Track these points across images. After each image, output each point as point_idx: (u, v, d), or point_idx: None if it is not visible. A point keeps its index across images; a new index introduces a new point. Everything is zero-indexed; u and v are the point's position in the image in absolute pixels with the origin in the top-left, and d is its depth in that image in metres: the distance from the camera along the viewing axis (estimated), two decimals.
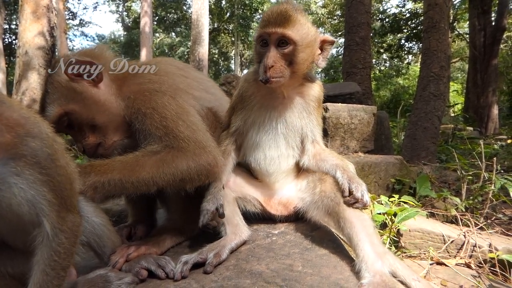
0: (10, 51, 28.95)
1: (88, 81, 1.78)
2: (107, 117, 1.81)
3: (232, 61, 38.66)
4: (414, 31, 19.11)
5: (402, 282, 1.56)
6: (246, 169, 2.06)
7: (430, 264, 3.16)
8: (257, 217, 1.99)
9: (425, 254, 3.43)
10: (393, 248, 3.41)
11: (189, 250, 1.85)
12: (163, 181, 1.65)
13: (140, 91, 1.79)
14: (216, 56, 37.63)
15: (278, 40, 1.73)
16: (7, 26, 28.49)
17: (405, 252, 3.49)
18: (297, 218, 1.98)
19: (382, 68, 28.80)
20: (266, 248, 1.76)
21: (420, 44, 17.09)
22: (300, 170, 2.02)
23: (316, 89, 1.95)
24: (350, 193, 1.66)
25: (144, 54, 26.95)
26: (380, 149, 6.66)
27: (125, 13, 37.85)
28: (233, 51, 36.34)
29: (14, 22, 29.69)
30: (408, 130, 8.92)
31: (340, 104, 5.89)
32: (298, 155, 1.97)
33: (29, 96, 14.07)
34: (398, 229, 3.55)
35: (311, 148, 1.94)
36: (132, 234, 2.01)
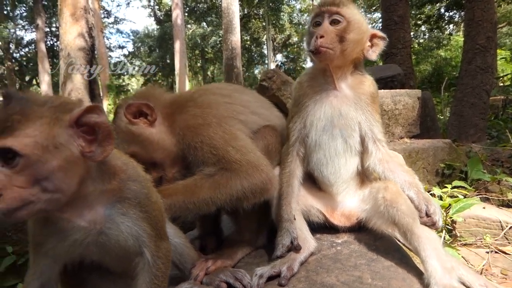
0: (52, 53, 30.30)
1: (144, 122, 1.94)
2: (163, 154, 1.96)
3: (265, 46, 38.46)
4: None
5: (463, 284, 1.64)
6: (309, 178, 2.14)
7: (488, 252, 3.14)
8: (319, 226, 2.10)
9: (481, 241, 3.39)
10: (447, 237, 3.40)
11: (259, 261, 2.01)
12: (220, 201, 1.80)
13: (186, 127, 1.92)
14: (248, 42, 37.51)
15: (331, 17, 1.87)
16: (48, 29, 29.78)
17: (460, 241, 3.48)
18: (359, 228, 2.07)
19: (421, 41, 27.54)
20: (333, 258, 1.87)
21: (462, 13, 16.18)
22: (362, 179, 2.08)
23: (367, 84, 2.01)
24: (427, 215, 1.73)
25: (177, 46, 27.37)
26: (426, 131, 6.51)
27: (156, 7, 38.41)
28: (265, 36, 36.07)
29: (54, 25, 30.94)
30: (454, 107, 8.59)
31: (382, 90, 5.80)
32: (358, 160, 2.02)
33: (75, 97, 14.78)
34: (453, 220, 3.51)
35: (374, 150, 1.97)
36: (204, 246, 2.19)
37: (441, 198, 3.82)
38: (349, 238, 2.05)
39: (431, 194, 3.79)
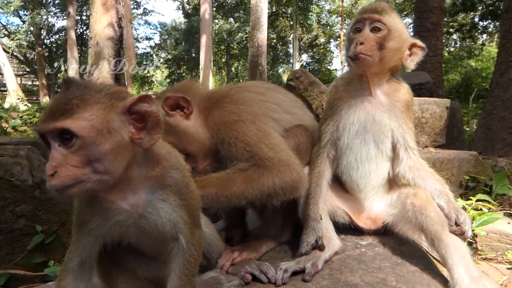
0: (81, 41, 31.00)
1: (181, 114, 2.00)
2: (196, 146, 2.03)
3: (291, 46, 38.36)
4: (490, 8, 17.62)
5: None
6: (336, 180, 2.17)
7: (509, 269, 3.10)
8: (344, 227, 2.12)
9: (502, 257, 3.35)
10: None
11: (283, 256, 2.06)
12: (251, 195, 1.85)
13: (221, 122, 1.98)
14: (274, 41, 37.49)
15: (372, 25, 1.89)
16: (78, 18, 30.48)
17: (480, 255, 3.44)
18: (384, 231, 2.09)
19: (452, 49, 26.95)
20: (357, 259, 1.90)
21: (497, 23, 15.74)
22: (391, 185, 2.10)
23: (403, 92, 2.02)
24: (457, 224, 1.74)
25: (204, 40, 27.58)
26: (451, 142, 6.41)
27: (185, 0, 38.78)
28: (292, 35, 35.97)
29: (84, 13, 31.64)
30: (482, 120, 8.41)
31: None
32: (389, 166, 2.04)
33: None
34: (475, 233, 3.47)
35: (405, 157, 1.99)
36: (229, 237, 2.25)
37: (464, 209, 3.78)
38: (374, 240, 2.07)
39: None
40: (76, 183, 1.13)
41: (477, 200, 4.12)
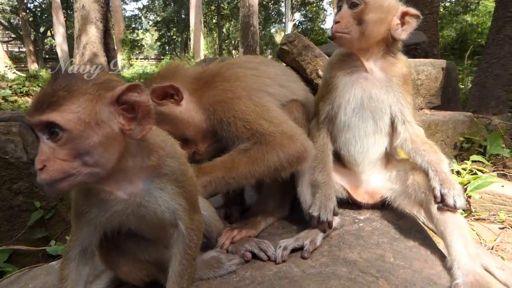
0: (66, 5, 29.85)
1: (172, 102, 1.96)
2: (193, 130, 2.00)
3: (283, 4, 37.21)
4: None
5: (486, 270, 1.69)
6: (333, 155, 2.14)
7: (501, 228, 3.18)
8: (342, 202, 2.13)
9: (495, 217, 3.43)
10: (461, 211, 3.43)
11: (282, 232, 2.08)
12: (259, 173, 1.85)
13: (216, 102, 1.93)
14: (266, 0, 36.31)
15: (350, 1, 1.84)
16: None
17: (473, 215, 3.52)
18: (382, 206, 2.10)
19: (447, 4, 26.22)
20: (355, 235, 1.92)
21: None
22: (388, 159, 2.09)
23: (399, 65, 1.97)
24: (442, 198, 1.70)
25: (193, 1, 26.67)
26: (446, 102, 6.40)
27: None
28: None
29: None
30: (476, 78, 8.38)
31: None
32: (387, 141, 2.03)
33: (90, 50, 14.70)
34: (469, 195, 3.54)
35: (403, 131, 1.96)
36: (228, 214, 2.26)
37: (459, 173, 3.83)
38: (372, 215, 2.09)
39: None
40: (65, 177, 1.11)
41: (472, 161, 4.17)
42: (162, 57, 33.13)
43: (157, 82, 1.97)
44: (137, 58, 31.52)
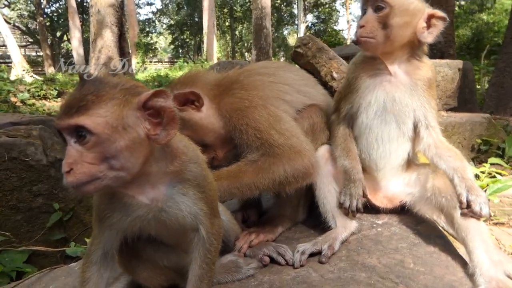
0: (82, 10, 30.34)
1: (192, 108, 1.98)
2: (213, 136, 2.02)
3: (295, 6, 37.15)
4: None
5: (508, 276, 1.65)
6: None
7: None
8: None
9: None
10: None
11: (299, 236, 2.08)
12: (263, 185, 1.85)
13: (233, 110, 1.95)
14: (278, 1, 36.29)
15: (375, 4, 1.83)
16: None
17: (492, 220, 3.46)
18: (401, 210, 2.08)
19: (463, 3, 25.79)
20: (374, 240, 1.91)
21: None
22: (409, 164, 2.06)
23: (424, 69, 1.95)
24: (468, 205, 1.67)
25: (206, 4, 26.85)
26: (463, 103, 6.30)
27: None
28: None
29: None
30: (494, 78, 8.24)
31: None
32: (410, 146, 2.00)
33: (105, 54, 14.90)
34: (488, 199, 3.46)
35: (426, 136, 1.93)
36: (245, 217, 2.27)
37: (478, 177, 3.77)
38: (390, 219, 2.07)
39: None
40: (92, 180, 1.13)
41: (491, 164, 4.10)
42: (175, 60, 33.42)
43: (178, 88, 1.99)
44: (151, 61, 31.85)
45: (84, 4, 30.53)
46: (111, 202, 1.35)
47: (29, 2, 30.50)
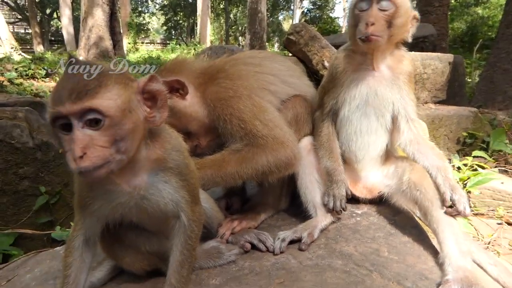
0: None
1: (177, 95, 1.98)
2: (196, 124, 2.03)
3: None
4: None
5: (478, 265, 1.74)
6: None
7: (499, 224, 3.21)
8: None
9: (493, 212, 3.45)
10: None
11: (281, 224, 2.14)
12: (246, 175, 1.89)
13: (217, 99, 1.96)
14: None
15: (381, 3, 1.84)
16: None
17: (472, 211, 3.54)
18: (380, 201, 2.14)
19: None
20: (352, 229, 1.97)
21: None
22: (388, 155, 2.12)
23: (405, 63, 2.01)
24: (452, 204, 1.75)
25: None
26: (452, 96, 6.37)
27: None
28: None
29: None
30: (484, 72, 8.31)
31: (412, 52, 5.63)
32: (388, 138, 2.06)
33: (95, 33, 14.70)
34: (469, 191, 3.55)
35: (406, 130, 1.99)
36: (229, 205, 2.31)
37: (459, 169, 3.85)
38: (369, 210, 2.13)
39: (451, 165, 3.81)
40: (104, 164, 1.14)
41: (474, 157, 4.18)
42: (168, 41, 32.96)
43: (163, 75, 1.99)
44: (142, 42, 31.34)
45: None
46: (92, 189, 1.37)
47: None
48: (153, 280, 1.69)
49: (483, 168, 3.94)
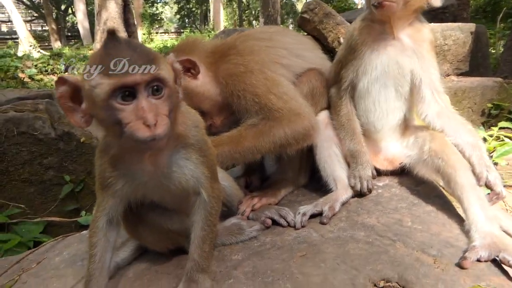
0: None
1: (189, 75, 1.98)
2: (209, 103, 2.04)
3: None
4: None
5: (506, 232, 1.69)
6: None
7: None
8: None
9: None
10: None
11: (301, 199, 2.12)
12: (264, 148, 1.88)
13: (229, 75, 1.95)
14: None
15: None
16: None
17: None
18: (402, 172, 2.10)
19: None
20: (374, 201, 1.94)
21: None
22: (406, 125, 2.07)
23: (425, 32, 1.93)
24: (487, 184, 1.71)
25: None
26: (475, 68, 6.13)
27: None
28: None
29: None
30: (509, 41, 7.97)
31: (432, 23, 5.42)
32: (406, 106, 2.01)
33: (110, 26, 14.84)
34: (495, 162, 3.45)
35: (433, 101, 1.92)
36: (248, 183, 2.32)
37: (485, 140, 3.74)
38: (391, 181, 2.09)
39: None
40: (168, 132, 1.17)
41: (500, 128, 4.05)
42: (182, 30, 32.93)
43: (175, 55, 1.99)
44: (157, 33, 31.42)
45: None
46: (114, 169, 1.39)
47: None
48: (177, 258, 1.71)
49: (510, 138, 3.81)
